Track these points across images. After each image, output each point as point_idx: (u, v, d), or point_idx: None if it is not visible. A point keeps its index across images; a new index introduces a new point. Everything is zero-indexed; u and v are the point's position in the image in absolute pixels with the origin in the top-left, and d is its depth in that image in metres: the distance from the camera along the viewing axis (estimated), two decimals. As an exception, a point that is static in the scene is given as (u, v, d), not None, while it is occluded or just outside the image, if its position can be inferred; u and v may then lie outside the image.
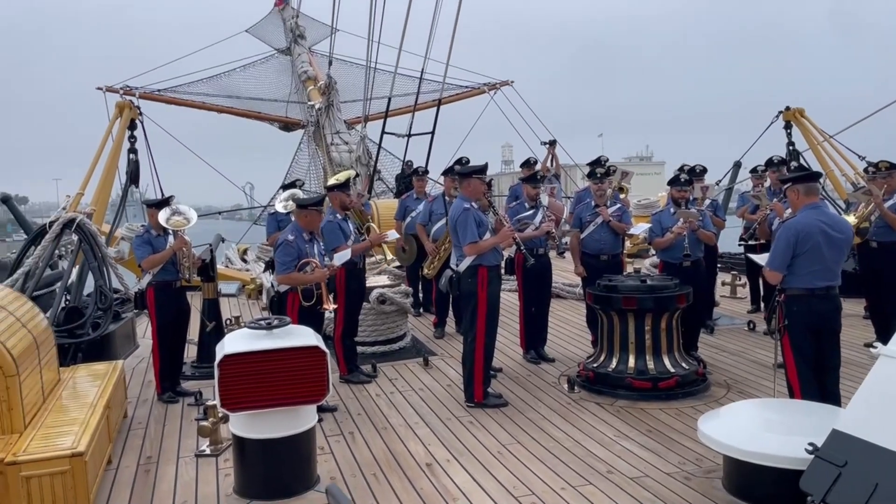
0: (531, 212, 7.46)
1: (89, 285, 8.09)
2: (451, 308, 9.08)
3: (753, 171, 9.66)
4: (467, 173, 6.34)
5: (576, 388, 6.58)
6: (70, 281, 8.00)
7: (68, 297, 7.78)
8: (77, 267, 8.26)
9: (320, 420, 5.17)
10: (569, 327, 9.10)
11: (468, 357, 6.25)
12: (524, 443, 5.38)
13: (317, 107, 15.93)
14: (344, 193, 6.87)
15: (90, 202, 9.52)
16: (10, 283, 7.12)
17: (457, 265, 6.25)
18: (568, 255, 9.34)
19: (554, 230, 7.47)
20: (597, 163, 9.26)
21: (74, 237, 8.05)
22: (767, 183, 9.07)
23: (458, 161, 8.68)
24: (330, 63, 15.90)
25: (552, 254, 8.09)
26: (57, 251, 8.30)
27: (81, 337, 7.15)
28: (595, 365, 6.63)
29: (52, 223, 7.81)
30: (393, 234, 7.80)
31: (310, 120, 16.59)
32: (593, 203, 7.74)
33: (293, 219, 7.78)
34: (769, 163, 9.17)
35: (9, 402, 4.52)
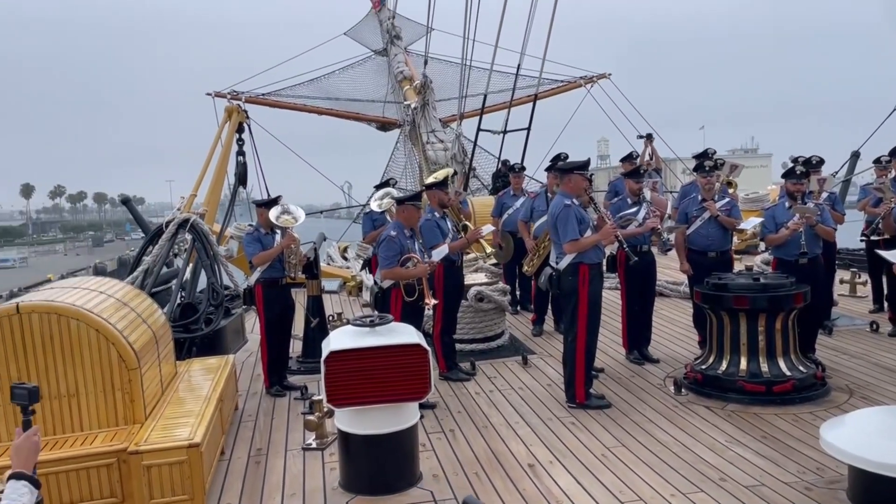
0: (634, 208, 7.24)
1: (202, 282, 8.49)
2: (549, 306, 8.95)
3: (877, 161, 9.02)
4: (568, 169, 6.22)
5: (683, 390, 6.33)
6: (184, 278, 8.42)
7: (183, 294, 8.18)
8: (191, 265, 8.67)
9: (421, 417, 5.19)
10: (674, 327, 8.79)
11: (569, 357, 6.13)
12: (630, 446, 5.22)
13: (413, 106, 16.10)
14: (442, 191, 6.89)
15: (202, 203, 9.99)
16: (130, 280, 7.55)
17: (557, 263, 6.14)
18: (672, 252, 9.02)
19: (659, 226, 7.22)
20: (704, 155, 8.90)
21: (188, 236, 8.46)
22: (893, 174, 8.44)
23: (558, 157, 8.54)
24: (425, 62, 16.04)
25: (655, 250, 7.82)
26: (172, 250, 8.74)
27: (195, 332, 7.50)
28: (703, 367, 6.36)
29: (168, 223, 8.24)
30: (487, 228, 7.75)
31: (406, 119, 16.81)
32: (700, 197, 7.43)
33: (388, 217, 7.87)
34: (894, 153, 8.54)
35: (131, 393, 4.77)
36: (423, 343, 4.68)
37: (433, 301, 6.25)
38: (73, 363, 4.64)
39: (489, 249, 7.24)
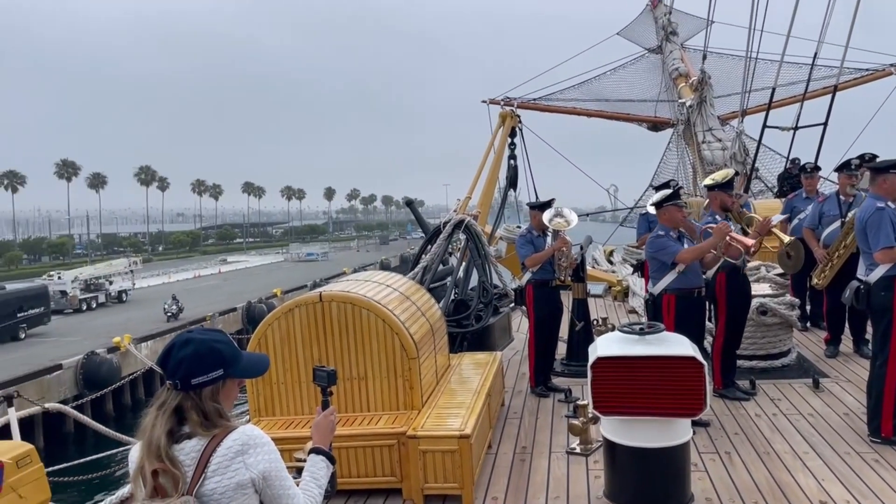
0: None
1: (473, 280, 8.89)
2: (847, 324, 7.88)
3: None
4: (884, 168, 5.40)
5: None
6: (458, 276, 8.89)
7: (456, 291, 8.64)
8: (464, 263, 9.13)
9: (693, 434, 4.86)
10: None
11: (876, 383, 5.31)
12: (954, 497, 4.37)
13: (688, 104, 15.33)
14: (725, 193, 6.40)
15: (475, 205, 10.47)
16: (411, 276, 8.16)
17: (866, 275, 5.35)
18: None
19: None
20: None
21: (462, 236, 8.91)
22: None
23: (861, 157, 7.49)
24: (704, 57, 15.15)
25: None
26: (448, 249, 9.27)
27: (467, 327, 7.87)
28: None
29: (445, 224, 8.76)
30: (777, 218, 6.99)
31: (680, 118, 16.08)
32: None
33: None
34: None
35: (410, 381, 5.13)
36: (699, 356, 4.36)
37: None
38: (363, 349, 5.12)
39: (786, 238, 6.50)
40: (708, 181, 6.76)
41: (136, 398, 29.49)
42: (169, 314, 36.49)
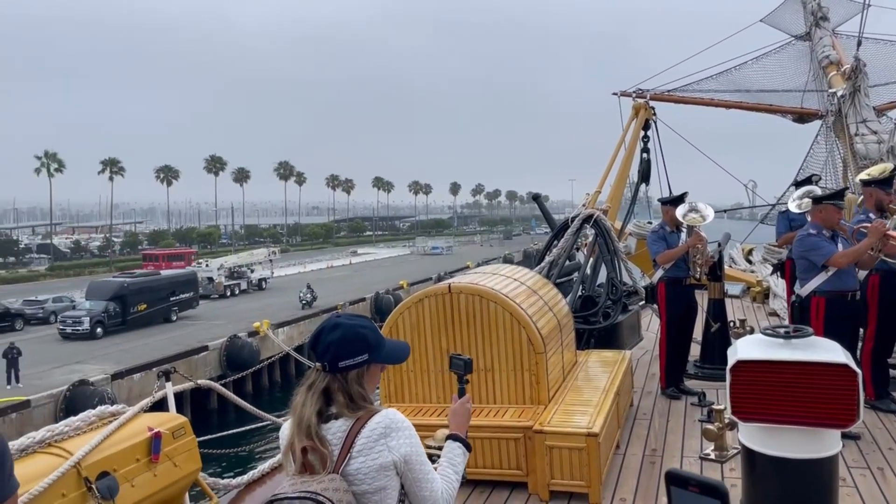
0: None
1: (601, 277, 8.71)
2: None
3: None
4: None
5: None
6: (585, 272, 8.73)
7: (584, 287, 8.49)
8: (591, 259, 8.96)
9: (842, 447, 4.51)
10: None
11: None
12: None
13: (839, 94, 14.26)
14: (882, 190, 5.88)
15: (605, 200, 10.25)
16: (538, 270, 8.10)
17: None
18: None
19: None
20: None
21: (591, 231, 8.75)
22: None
23: None
24: (859, 43, 14.01)
25: None
26: (575, 244, 9.13)
27: (594, 324, 7.72)
28: None
29: (573, 218, 8.64)
30: None
31: (829, 109, 15.00)
32: None
33: (808, 218, 7.03)
34: None
35: (537, 375, 5.10)
36: (853, 364, 4.04)
37: None
38: (490, 341, 5.14)
39: None
40: (863, 176, 6.25)
41: (273, 380, 31.28)
42: (304, 302, 38.38)
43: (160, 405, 4.63)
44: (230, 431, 8.12)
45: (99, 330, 31.93)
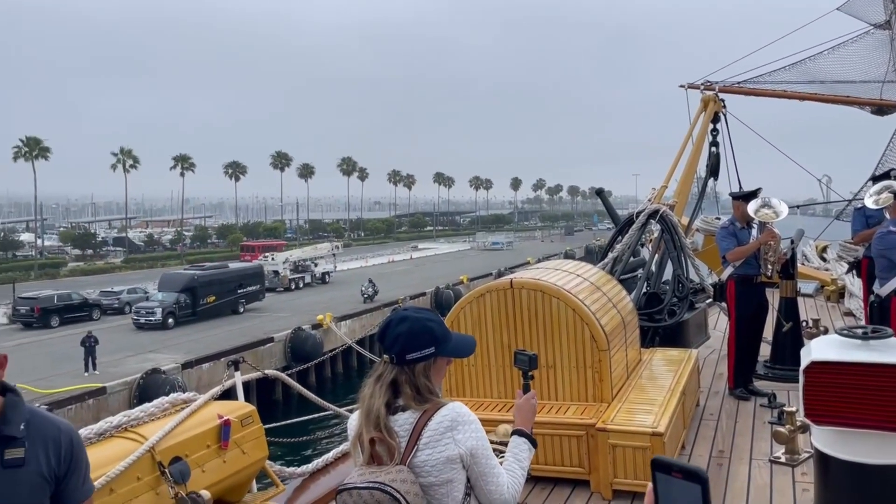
0: None
1: (667, 273, 8.52)
2: None
3: None
4: None
5: None
6: (651, 268, 8.56)
7: (648, 284, 8.33)
8: (657, 255, 8.78)
9: (925, 455, 4.29)
10: None
11: None
12: None
13: (923, 83, 13.56)
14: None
15: (672, 194, 10.02)
16: (601, 266, 7.99)
17: None
18: None
19: None
20: None
21: (657, 227, 8.56)
22: None
23: None
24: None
25: None
26: (640, 240, 8.96)
27: (659, 322, 7.57)
28: None
29: (638, 213, 8.47)
30: None
31: (912, 100, 14.27)
32: None
33: (886, 215, 6.72)
34: None
35: (600, 373, 5.03)
36: (938, 367, 3.84)
37: None
38: (552, 337, 5.09)
39: None
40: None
41: (336, 371, 31.82)
42: (365, 296, 38.87)
43: (228, 394, 4.77)
44: (295, 420, 8.31)
45: (170, 320, 33.09)
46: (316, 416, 7.90)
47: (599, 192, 10.66)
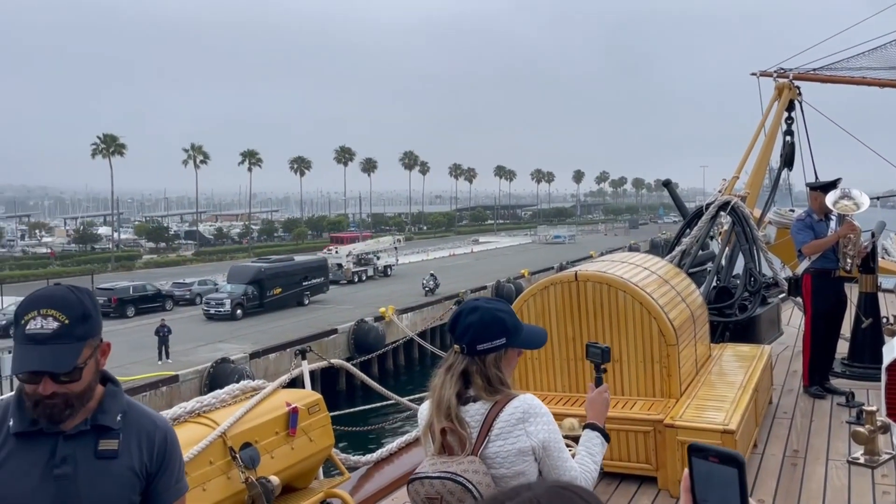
0: None
1: (737, 267, 8.25)
2: None
3: None
4: None
5: None
6: (721, 261, 8.31)
7: (718, 277, 8.09)
8: (727, 248, 8.51)
9: None
10: None
11: None
12: None
13: None
14: None
15: (744, 186, 9.70)
16: (668, 259, 7.79)
17: None
18: None
19: None
20: None
21: (727, 219, 8.31)
22: None
23: None
24: None
25: None
26: (709, 232, 8.70)
27: (730, 317, 7.34)
28: None
29: (707, 205, 8.23)
30: None
31: None
32: None
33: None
34: None
35: (668, 368, 4.91)
36: None
37: None
38: (618, 331, 5.00)
39: None
40: None
41: (398, 363, 32.16)
42: (427, 289, 39.15)
43: (294, 383, 4.86)
44: (360, 408, 8.43)
45: (239, 311, 34.04)
46: (379, 404, 8.00)
47: (667, 184, 10.39)
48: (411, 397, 6.57)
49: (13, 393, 1.86)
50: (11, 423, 1.80)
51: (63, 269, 57.92)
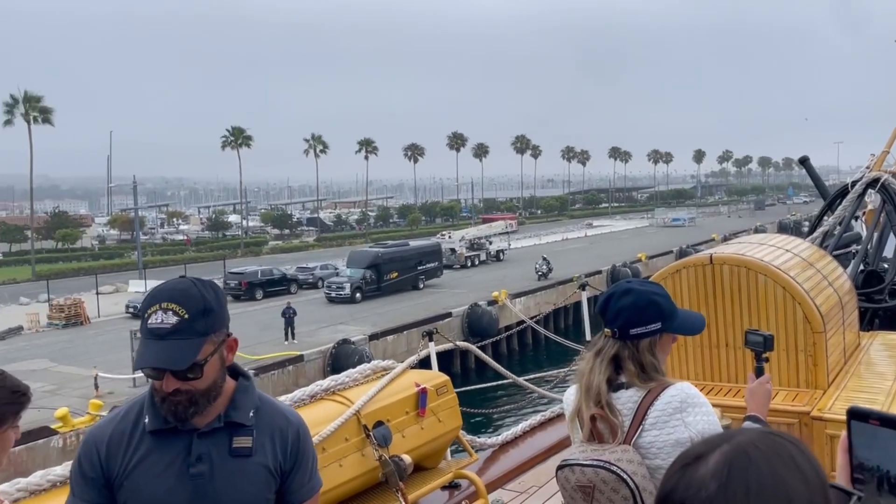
0: None
1: (888, 250, 7.61)
2: None
3: None
4: None
5: None
6: (869, 244, 7.69)
7: (866, 261, 7.49)
8: (876, 229, 7.86)
9: None
10: None
11: None
12: None
13: None
14: None
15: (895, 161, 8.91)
16: (810, 241, 7.28)
17: None
18: None
19: None
20: None
21: (876, 197, 7.66)
22: None
23: None
24: None
25: None
26: (855, 212, 8.07)
27: (879, 303, 6.79)
28: None
29: (853, 183, 7.62)
30: None
31: None
32: None
33: None
34: None
35: (815, 357, 4.58)
36: None
37: None
38: (757, 317, 4.70)
39: None
40: None
41: (511, 348, 32.17)
42: (539, 273, 38.84)
43: (423, 364, 4.93)
44: (479, 385, 8.47)
45: (358, 295, 35.14)
46: (499, 383, 8.01)
47: (804, 161, 9.71)
48: (529, 375, 6.50)
49: (147, 390, 1.81)
50: (147, 420, 1.77)
51: (198, 254, 61.98)
